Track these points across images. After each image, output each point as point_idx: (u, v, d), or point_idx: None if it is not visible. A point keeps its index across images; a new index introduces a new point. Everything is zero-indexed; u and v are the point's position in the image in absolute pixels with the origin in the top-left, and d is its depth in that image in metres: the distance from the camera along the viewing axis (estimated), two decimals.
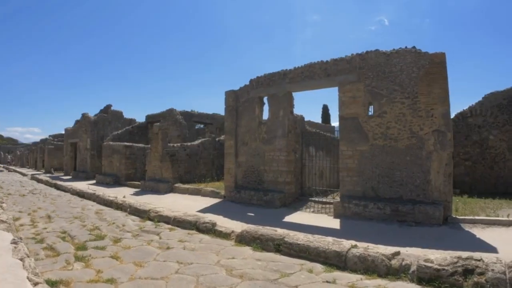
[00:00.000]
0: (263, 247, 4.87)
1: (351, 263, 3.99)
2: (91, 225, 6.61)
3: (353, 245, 4.22)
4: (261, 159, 8.62)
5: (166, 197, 10.23)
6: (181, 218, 6.74)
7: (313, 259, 4.28)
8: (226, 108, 9.32)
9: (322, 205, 8.11)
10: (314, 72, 7.76)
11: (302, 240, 4.60)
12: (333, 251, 4.19)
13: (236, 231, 5.75)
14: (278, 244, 4.73)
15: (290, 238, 4.73)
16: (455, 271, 3.39)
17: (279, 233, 4.99)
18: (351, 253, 4.06)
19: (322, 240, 4.53)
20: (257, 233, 5.16)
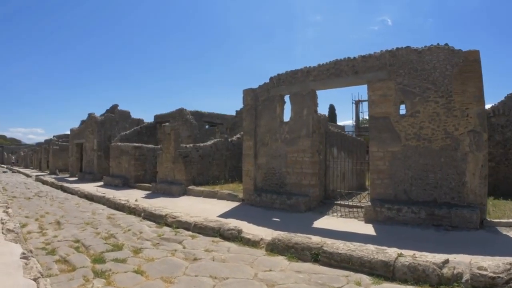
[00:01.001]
0: (298, 257, 4.51)
1: (400, 273, 3.72)
2: (105, 233, 6.14)
3: (399, 254, 3.95)
4: (282, 160, 8.14)
5: (180, 200, 9.76)
6: (202, 224, 6.27)
7: (357, 270, 3.96)
8: (244, 107, 8.85)
9: (349, 209, 7.69)
10: (341, 70, 7.37)
11: (343, 249, 4.28)
12: (380, 261, 3.88)
13: (265, 238, 5.36)
14: (316, 253, 4.39)
15: (329, 247, 4.40)
16: (510, 279, 3.25)
17: (315, 242, 4.64)
18: (400, 263, 3.78)
19: (364, 249, 4.23)
20: (290, 242, 4.77)
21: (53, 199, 11.11)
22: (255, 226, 6.28)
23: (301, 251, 4.55)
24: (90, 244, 5.26)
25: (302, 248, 4.57)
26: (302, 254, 4.52)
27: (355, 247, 4.31)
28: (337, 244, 4.47)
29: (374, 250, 4.17)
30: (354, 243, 4.49)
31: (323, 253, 4.34)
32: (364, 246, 4.34)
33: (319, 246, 4.47)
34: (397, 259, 3.83)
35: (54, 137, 28.26)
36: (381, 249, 4.23)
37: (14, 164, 44.13)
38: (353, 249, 4.24)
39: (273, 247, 4.89)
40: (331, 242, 4.63)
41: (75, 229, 6.51)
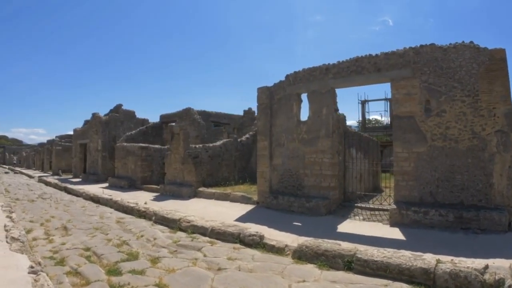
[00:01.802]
0: (330, 265, 4.25)
1: (441, 280, 3.54)
2: (117, 239, 5.78)
3: (438, 260, 3.78)
4: (300, 161, 7.78)
5: (191, 203, 9.39)
6: (220, 229, 5.91)
7: (395, 278, 3.75)
8: (258, 106, 8.48)
9: (370, 212, 7.37)
10: (362, 67, 7.07)
11: (378, 256, 4.04)
12: (420, 268, 3.68)
13: (290, 245, 5.05)
14: (349, 261, 4.15)
15: (363, 254, 4.15)
16: None
17: (347, 248, 4.40)
18: (440, 269, 3.59)
19: (400, 256, 3.99)
20: (319, 249, 4.49)
21: (57, 202, 10.73)
22: (276, 231, 5.93)
23: (332, 258, 4.30)
24: (103, 253, 4.90)
25: (334, 255, 4.32)
26: (333, 262, 4.27)
27: (390, 253, 4.07)
28: (371, 251, 4.21)
29: (411, 256, 3.94)
30: (387, 249, 4.25)
31: (357, 261, 4.09)
32: (400, 253, 4.11)
33: (352, 253, 4.23)
34: (436, 265, 3.65)
35: (56, 138, 27.92)
36: (418, 255, 4.02)
37: (16, 165, 43.80)
38: (389, 256, 4.00)
39: (301, 255, 4.61)
40: (364, 248, 4.39)
41: (84, 235, 6.15)
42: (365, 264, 4.00)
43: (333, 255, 4.32)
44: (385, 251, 4.17)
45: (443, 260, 3.77)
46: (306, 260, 4.48)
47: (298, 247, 4.75)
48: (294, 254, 4.71)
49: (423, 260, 3.80)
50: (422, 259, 3.83)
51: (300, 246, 4.75)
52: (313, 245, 4.61)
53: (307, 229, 6.04)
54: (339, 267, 4.19)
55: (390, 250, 4.25)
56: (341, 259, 4.22)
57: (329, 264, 4.26)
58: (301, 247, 4.70)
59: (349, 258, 4.17)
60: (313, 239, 4.95)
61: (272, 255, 4.86)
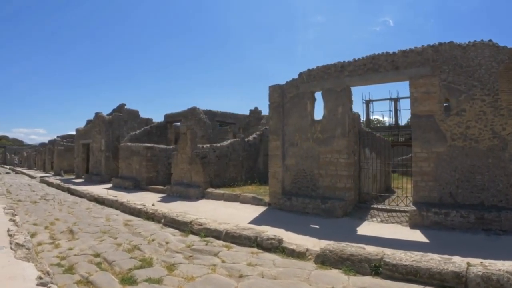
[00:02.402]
0: (356, 270, 4.08)
1: (473, 284, 3.44)
2: (127, 244, 5.50)
3: (469, 263, 3.70)
4: (314, 161, 7.53)
5: (200, 204, 9.14)
6: (235, 232, 5.66)
7: (425, 283, 3.63)
8: (270, 105, 8.23)
9: (387, 214, 7.16)
10: (379, 65, 6.92)
11: (407, 260, 3.90)
12: (451, 272, 3.57)
13: (311, 249, 4.84)
14: (377, 265, 4.00)
15: (391, 258, 4.00)
16: None
17: (373, 252, 4.26)
18: (472, 273, 3.49)
19: (429, 259, 3.89)
20: (344, 253, 4.33)
21: (61, 203, 10.48)
22: (294, 234, 5.69)
23: (359, 263, 4.14)
24: (114, 259, 4.64)
25: (360, 260, 4.15)
26: (360, 266, 4.10)
27: (418, 257, 3.95)
28: (399, 255, 4.06)
29: (441, 260, 3.84)
30: (414, 253, 4.14)
31: (385, 265, 3.92)
32: (428, 256, 4.00)
33: (379, 257, 4.06)
34: (468, 269, 3.55)
35: (58, 138, 27.66)
36: (446, 258, 3.94)
37: (17, 165, 43.52)
38: (418, 259, 3.86)
39: (324, 259, 4.42)
40: (391, 252, 4.23)
41: (92, 239, 5.90)
42: (394, 268, 3.84)
43: (359, 259, 4.15)
44: (412, 255, 4.02)
45: (473, 263, 3.68)
46: (330, 265, 4.28)
47: (321, 251, 4.58)
48: (317, 258, 4.54)
49: (453, 264, 3.68)
50: (452, 263, 3.71)
51: (323, 250, 4.58)
52: (337, 249, 4.43)
53: (325, 232, 5.82)
54: (366, 272, 4.00)
55: (417, 253, 4.11)
56: (368, 264, 4.05)
57: (355, 269, 4.08)
58: (324, 251, 4.52)
59: (376, 263, 4.01)
60: (336, 242, 4.79)
61: (293, 260, 4.66)
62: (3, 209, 7.53)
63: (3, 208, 7.64)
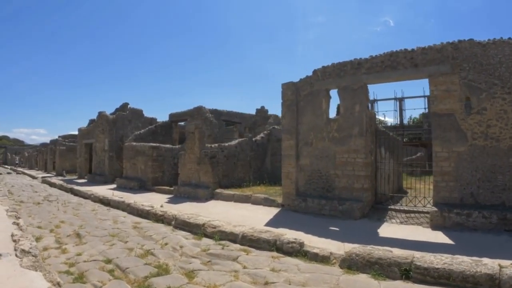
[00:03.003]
0: (386, 274, 3.92)
1: (506, 286, 3.35)
2: (139, 248, 5.21)
3: (500, 265, 3.61)
4: (330, 161, 7.28)
5: (210, 205, 8.88)
6: (253, 235, 5.41)
7: (458, 286, 3.53)
8: (283, 103, 7.98)
9: (406, 215, 6.94)
10: (398, 62, 6.75)
11: (438, 263, 3.77)
12: (485, 274, 3.47)
13: (335, 252, 4.63)
14: (407, 269, 3.85)
15: (422, 261, 3.86)
16: None
17: (403, 255, 4.08)
18: (505, 275, 3.40)
19: (460, 262, 3.78)
20: (372, 257, 4.15)
21: (65, 205, 10.16)
22: (315, 237, 5.45)
23: (388, 267, 3.97)
24: (127, 266, 4.36)
25: (389, 263, 3.98)
26: (389, 271, 3.94)
27: (449, 260, 3.83)
28: (429, 258, 3.92)
29: (472, 262, 3.74)
30: (443, 255, 3.99)
31: (416, 269, 3.78)
32: (458, 258, 3.89)
33: (409, 260, 3.91)
34: (500, 270, 3.47)
35: (59, 137, 27.38)
36: (477, 260, 3.84)
37: (18, 165, 43.22)
38: (449, 262, 3.75)
39: (351, 264, 4.23)
40: (420, 255, 4.04)
41: (101, 243, 5.61)
42: (425, 272, 3.71)
43: (388, 263, 3.98)
44: (442, 257, 3.89)
45: (504, 265, 3.60)
46: (357, 269, 4.10)
47: (347, 255, 4.39)
48: (343, 263, 4.34)
49: (485, 266, 3.59)
50: (483, 265, 3.63)
51: (349, 254, 4.39)
52: (364, 253, 4.23)
53: (346, 235, 5.62)
54: (395, 276, 3.85)
55: (446, 256, 3.98)
56: (398, 268, 3.89)
57: (384, 273, 3.91)
58: (350, 255, 4.32)
59: (406, 266, 3.85)
60: (361, 246, 4.59)
61: (317, 264, 4.45)
62: (5, 212, 7.18)
63: (6, 211, 7.28)
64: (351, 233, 5.73)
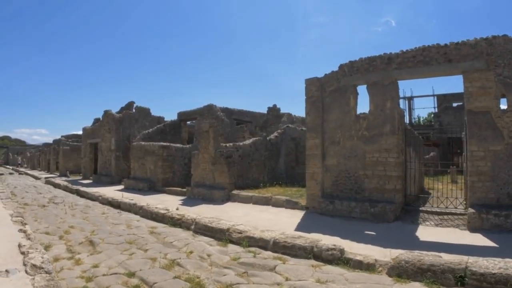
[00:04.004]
0: (440, 282, 3.68)
1: None
2: (162, 258, 4.73)
3: None
4: (359, 161, 6.87)
5: (228, 207, 8.45)
6: (286, 242, 4.99)
7: None
8: (307, 100, 7.56)
9: (438, 216, 6.61)
10: (431, 57, 6.45)
11: (494, 267, 3.56)
12: None
13: (380, 259, 4.28)
14: (462, 276, 3.63)
15: (477, 266, 3.65)
16: None
17: (455, 261, 3.85)
18: None
19: None
20: (423, 263, 3.88)
21: (72, 207, 9.62)
22: (353, 243, 5.08)
23: (441, 274, 3.73)
24: (155, 280, 3.87)
25: (442, 270, 3.74)
26: (442, 278, 3.70)
27: (502, 263, 3.65)
28: (482, 262, 3.72)
29: None
30: (496, 259, 3.80)
31: (471, 275, 3.57)
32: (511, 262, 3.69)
33: (463, 266, 3.70)
34: None
35: (62, 137, 26.94)
36: None
37: (20, 165, 42.74)
38: (504, 266, 3.56)
39: (400, 271, 3.94)
40: (473, 260, 3.83)
41: (117, 252, 5.10)
42: (482, 278, 3.51)
43: (441, 270, 3.74)
44: (495, 261, 3.71)
45: None
46: (407, 277, 3.83)
47: (396, 262, 4.07)
48: (391, 271, 4.02)
49: None
50: None
51: (397, 261, 4.07)
52: (414, 260, 3.95)
53: (384, 239, 5.25)
54: (450, 283, 3.63)
55: (499, 259, 3.79)
56: (452, 274, 3.66)
57: (438, 280, 3.68)
58: (399, 262, 4.01)
59: (460, 272, 3.65)
60: (408, 251, 4.28)
61: (363, 273, 4.09)
62: (10, 216, 6.65)
63: (10, 215, 6.78)
64: (389, 237, 5.37)
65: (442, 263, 3.80)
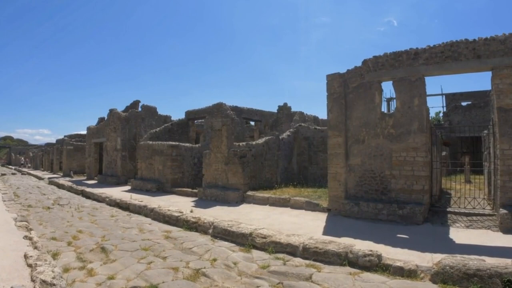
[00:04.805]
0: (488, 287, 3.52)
1: None
2: (184, 267, 4.35)
3: None
4: (385, 161, 6.55)
5: (244, 209, 8.12)
6: (317, 247, 4.67)
7: None
8: (329, 96, 7.23)
9: (466, 218, 6.33)
10: (459, 53, 6.17)
11: None
12: None
13: (421, 265, 4.01)
14: (510, 280, 3.46)
15: None
16: None
17: (501, 265, 3.69)
18: None
19: None
20: (469, 268, 3.71)
21: (79, 209, 9.19)
22: (388, 247, 4.79)
23: (488, 279, 3.59)
24: None
25: (489, 275, 3.60)
26: (490, 282, 3.56)
27: None
28: None
29: None
30: None
31: None
32: None
33: (510, 270, 3.55)
34: None
35: (66, 137, 26.61)
36: None
37: (23, 165, 42.36)
38: None
39: (445, 277, 3.74)
40: None
41: (134, 260, 4.67)
42: None
43: (488, 274, 3.60)
44: None
45: None
46: (453, 283, 3.65)
47: (440, 267, 3.87)
48: (436, 276, 3.81)
49: None
50: None
51: (441, 266, 3.83)
52: (459, 265, 3.77)
53: (419, 242, 4.97)
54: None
55: None
56: (499, 278, 3.52)
57: (484, 286, 3.55)
58: (443, 267, 3.81)
59: (507, 276, 3.50)
60: (450, 256, 4.05)
61: (406, 280, 3.82)
62: (14, 221, 6.11)
63: (14, 220, 6.24)
64: (423, 240, 5.08)
65: (488, 267, 3.63)
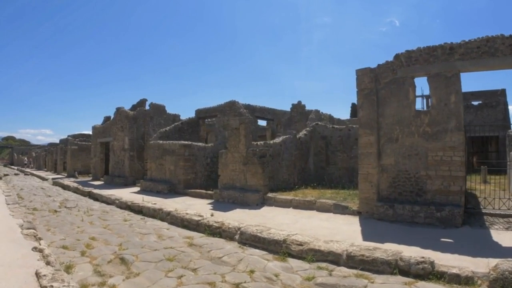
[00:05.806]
0: None
1: None
2: (221, 281, 3.89)
3: None
4: (420, 160, 6.23)
5: (267, 213, 7.77)
6: (364, 255, 4.37)
7: None
8: (359, 92, 6.90)
9: (503, 219, 6.13)
10: (496, 48, 5.88)
11: None
12: None
13: (476, 271, 3.79)
14: None
15: None
16: None
17: None
18: None
19: None
20: None
21: (88, 213, 8.59)
22: (437, 253, 4.53)
23: None
24: None
25: None
26: None
27: None
28: None
29: None
30: None
31: None
32: None
33: None
34: None
35: (69, 137, 26.21)
36: None
37: (26, 166, 41.92)
38: None
39: (505, 284, 3.54)
40: None
41: (161, 273, 4.16)
42: None
43: None
44: None
45: None
46: None
47: (498, 273, 3.59)
48: (494, 283, 3.56)
49: None
50: None
51: (500, 272, 3.61)
52: None
53: (465, 246, 4.75)
54: None
55: None
56: None
57: None
58: (502, 273, 3.59)
59: None
60: (505, 260, 3.78)
61: None
62: (19, 228, 5.48)
63: (20, 226, 5.60)
64: (469, 244, 4.82)
65: None
